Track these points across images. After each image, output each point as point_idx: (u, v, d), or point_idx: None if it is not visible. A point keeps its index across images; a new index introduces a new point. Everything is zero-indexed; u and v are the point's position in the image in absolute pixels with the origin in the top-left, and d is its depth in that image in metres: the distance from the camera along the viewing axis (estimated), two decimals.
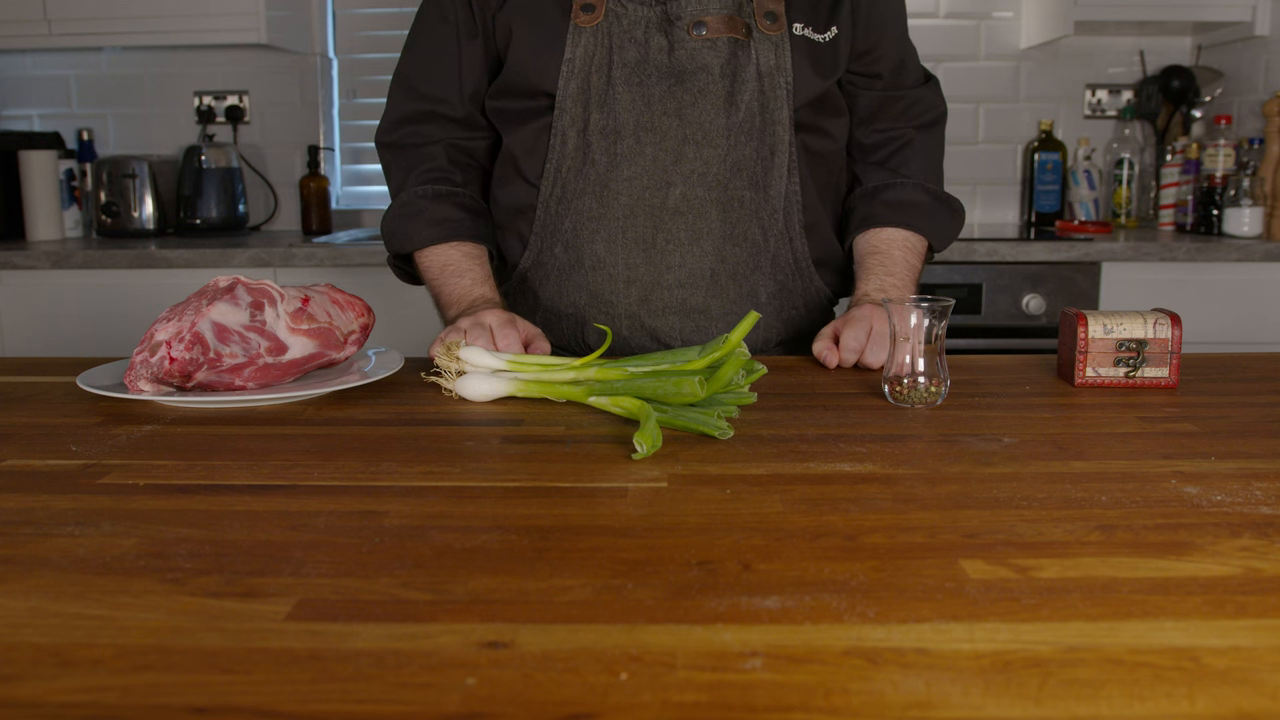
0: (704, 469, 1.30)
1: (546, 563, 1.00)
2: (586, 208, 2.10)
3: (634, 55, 2.03)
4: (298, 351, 1.64)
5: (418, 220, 2.15)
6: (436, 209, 2.15)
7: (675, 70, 2.03)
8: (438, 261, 2.13)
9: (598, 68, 2.04)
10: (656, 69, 2.03)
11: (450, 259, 2.12)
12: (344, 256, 3.92)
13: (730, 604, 0.91)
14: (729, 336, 1.54)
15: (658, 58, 2.03)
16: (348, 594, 0.93)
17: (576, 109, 2.06)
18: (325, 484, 1.25)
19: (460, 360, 1.67)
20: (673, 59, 2.03)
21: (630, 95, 2.03)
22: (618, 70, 2.03)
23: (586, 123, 2.06)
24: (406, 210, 2.18)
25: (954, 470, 1.30)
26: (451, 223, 2.14)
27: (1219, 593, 0.93)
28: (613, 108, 2.04)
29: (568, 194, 2.12)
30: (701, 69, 2.02)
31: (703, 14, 2.02)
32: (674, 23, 2.02)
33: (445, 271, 2.11)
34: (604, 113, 2.05)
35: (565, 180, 2.11)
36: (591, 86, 2.04)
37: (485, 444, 1.42)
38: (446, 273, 2.11)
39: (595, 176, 2.08)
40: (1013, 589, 0.94)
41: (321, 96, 4.84)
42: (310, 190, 4.70)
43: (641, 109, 2.03)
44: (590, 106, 2.05)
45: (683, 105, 2.03)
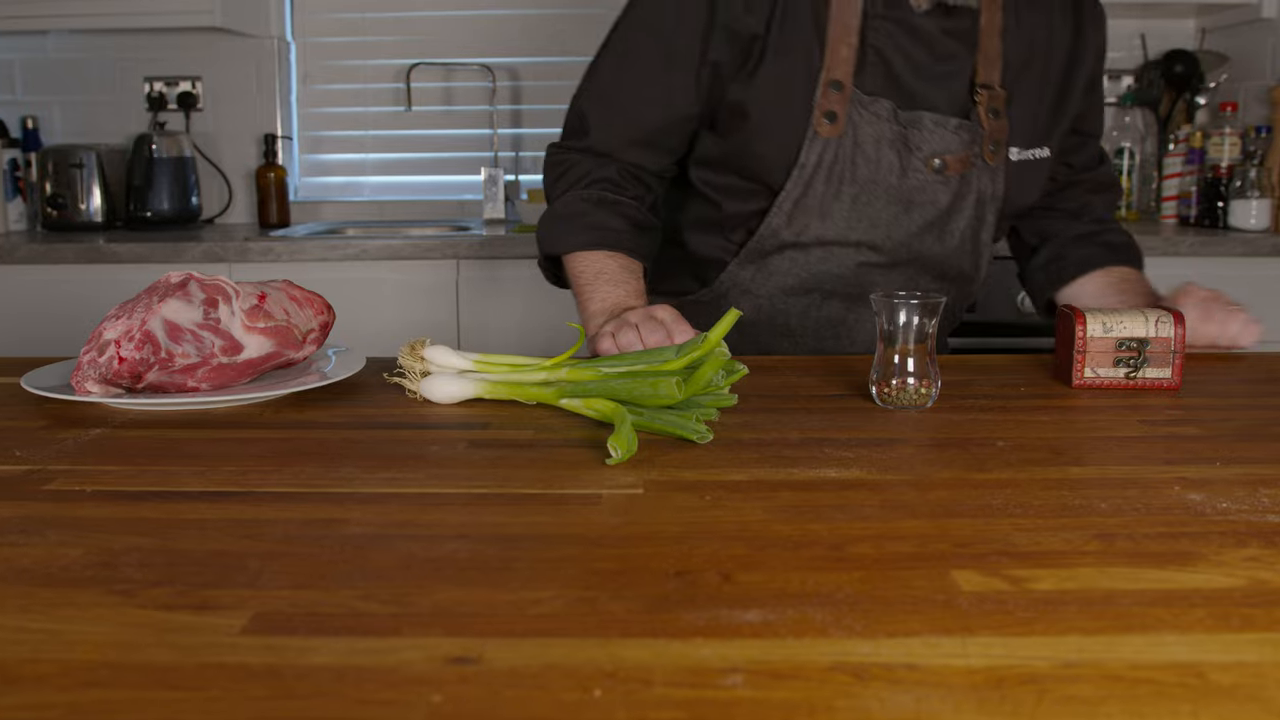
0: (681, 474, 1.31)
1: (515, 573, 1.00)
2: (779, 281, 2.21)
3: (865, 172, 2.11)
4: (254, 351, 1.63)
5: (575, 223, 2.16)
6: (597, 214, 2.16)
7: (903, 196, 2.13)
8: (592, 268, 2.12)
9: (826, 176, 2.11)
10: (885, 191, 2.12)
11: (606, 267, 2.12)
12: (303, 251, 3.92)
13: (709, 617, 0.91)
14: (708, 335, 1.54)
15: (887, 178, 2.11)
16: (306, 607, 0.93)
17: (797, 210, 2.14)
18: (283, 490, 1.25)
19: (425, 360, 1.66)
20: (902, 183, 2.12)
21: (854, 212, 2.13)
22: (847, 185, 2.11)
23: (806, 225, 2.15)
24: (565, 211, 2.18)
25: (945, 476, 1.30)
26: (613, 231, 2.15)
27: (1224, 605, 0.94)
28: (833, 217, 2.14)
29: (764, 268, 2.22)
30: (930, 202, 2.14)
31: (945, 151, 2.12)
32: (911, 150, 2.11)
33: (599, 279, 2.10)
34: (823, 221, 2.14)
35: (766, 252, 2.20)
36: (815, 193, 2.12)
37: (451, 448, 1.42)
38: (600, 280, 2.10)
39: (800, 262, 2.19)
40: (1007, 601, 0.94)
41: (279, 82, 4.83)
42: (267, 181, 4.68)
43: (864, 227, 2.14)
44: (810, 211, 2.13)
45: (903, 230, 2.15)
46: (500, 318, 3.97)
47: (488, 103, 4.88)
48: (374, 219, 4.89)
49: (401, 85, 4.81)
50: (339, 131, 4.95)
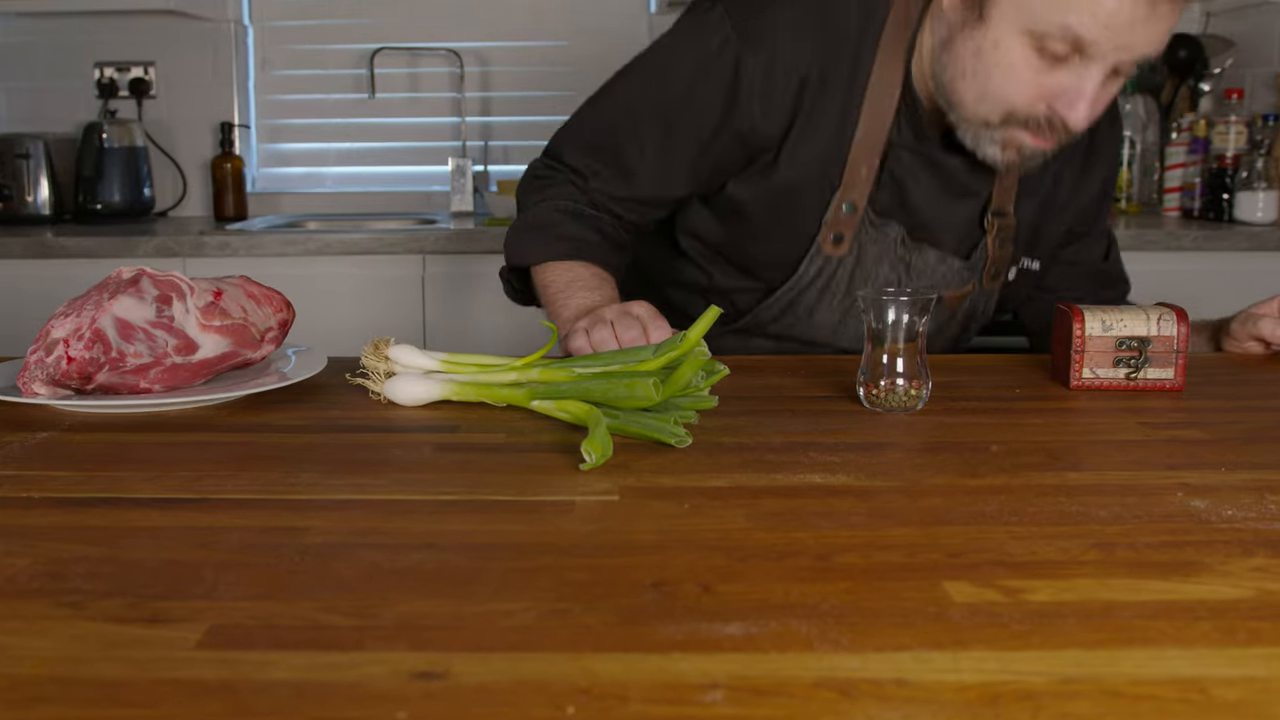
0: (659, 480, 1.30)
1: (484, 584, 1.00)
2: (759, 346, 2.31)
3: (862, 287, 2.16)
4: (209, 350, 1.63)
5: (548, 233, 2.16)
6: (571, 226, 2.16)
7: None
8: (565, 276, 2.12)
9: (823, 286, 2.18)
10: None
11: (580, 274, 2.11)
12: (261, 245, 3.91)
13: (688, 630, 0.90)
14: (686, 334, 1.54)
15: None
16: (264, 619, 0.92)
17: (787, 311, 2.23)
18: (239, 497, 1.24)
19: (389, 360, 1.66)
20: None
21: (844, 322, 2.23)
22: (841, 299, 2.20)
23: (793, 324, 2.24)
24: (537, 222, 2.18)
25: (936, 482, 1.30)
26: (587, 244, 2.15)
27: (1230, 618, 0.94)
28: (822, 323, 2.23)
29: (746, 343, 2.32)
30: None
31: (944, 286, 2.20)
32: (912, 275, 2.19)
33: (573, 285, 2.09)
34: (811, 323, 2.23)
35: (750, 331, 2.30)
36: (808, 300, 2.20)
37: (417, 452, 1.42)
38: (575, 286, 2.09)
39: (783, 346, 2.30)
40: (1001, 613, 0.94)
41: (236, 68, 4.82)
42: (223, 172, 4.68)
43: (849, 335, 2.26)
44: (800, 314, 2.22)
45: None
46: (468, 315, 3.97)
47: (455, 89, 4.88)
48: (336, 212, 4.88)
49: (365, 71, 4.80)
50: (299, 120, 4.95)
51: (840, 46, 2.03)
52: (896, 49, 2.03)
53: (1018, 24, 1.83)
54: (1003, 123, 1.93)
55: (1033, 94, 1.88)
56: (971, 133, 1.98)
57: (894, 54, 2.03)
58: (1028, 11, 1.81)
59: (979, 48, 1.89)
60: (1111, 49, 1.79)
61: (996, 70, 1.88)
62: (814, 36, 2.02)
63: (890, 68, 2.03)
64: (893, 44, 2.03)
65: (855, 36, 2.03)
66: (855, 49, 2.03)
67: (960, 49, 1.92)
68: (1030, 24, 1.81)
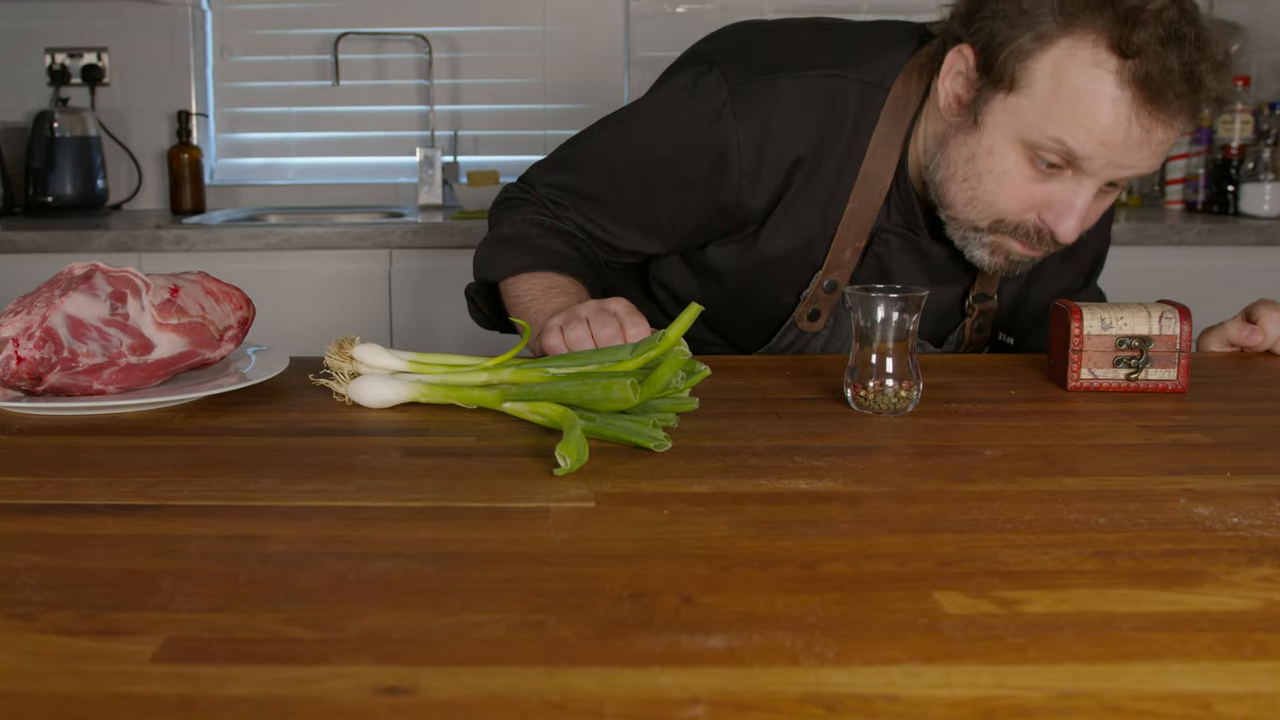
0: (637, 486, 1.31)
1: (454, 595, 1.00)
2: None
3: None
4: (166, 350, 1.62)
5: (523, 245, 2.16)
6: (548, 239, 2.16)
7: None
8: (542, 283, 2.12)
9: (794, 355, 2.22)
10: None
11: (557, 281, 2.11)
12: (219, 240, 3.90)
13: (668, 643, 0.90)
14: (666, 333, 1.54)
15: None
16: (223, 631, 0.92)
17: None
18: (197, 504, 1.24)
19: (354, 360, 1.66)
20: None
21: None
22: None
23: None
24: (511, 234, 2.18)
25: (927, 488, 1.30)
26: (565, 257, 2.15)
27: (1235, 630, 0.94)
28: None
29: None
30: None
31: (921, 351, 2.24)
32: None
33: (550, 291, 2.09)
34: None
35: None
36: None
37: (383, 457, 1.42)
38: (552, 292, 2.09)
39: None
40: (995, 626, 0.94)
41: (193, 54, 4.81)
42: (180, 163, 4.66)
43: None
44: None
45: None
46: (437, 313, 3.97)
47: (424, 76, 4.87)
48: (298, 204, 4.88)
49: (329, 57, 4.79)
50: (260, 108, 4.93)
51: (837, 129, 2.05)
52: (893, 136, 2.05)
53: (1011, 133, 1.88)
54: (991, 229, 1.97)
55: (1023, 204, 1.92)
56: (960, 234, 2.03)
57: (890, 141, 2.05)
58: (1022, 121, 1.86)
59: (972, 153, 1.93)
60: (1105, 165, 1.84)
61: (988, 177, 1.92)
62: (811, 117, 2.04)
63: (885, 155, 2.06)
64: (890, 130, 2.05)
65: (852, 121, 2.05)
66: (851, 133, 2.05)
67: (953, 152, 1.96)
68: (1024, 134, 1.86)
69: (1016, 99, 1.85)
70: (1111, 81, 1.77)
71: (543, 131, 4.87)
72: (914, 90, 2.05)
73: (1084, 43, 1.79)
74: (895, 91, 2.04)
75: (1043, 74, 1.82)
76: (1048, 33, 1.81)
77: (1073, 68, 1.80)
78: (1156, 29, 1.75)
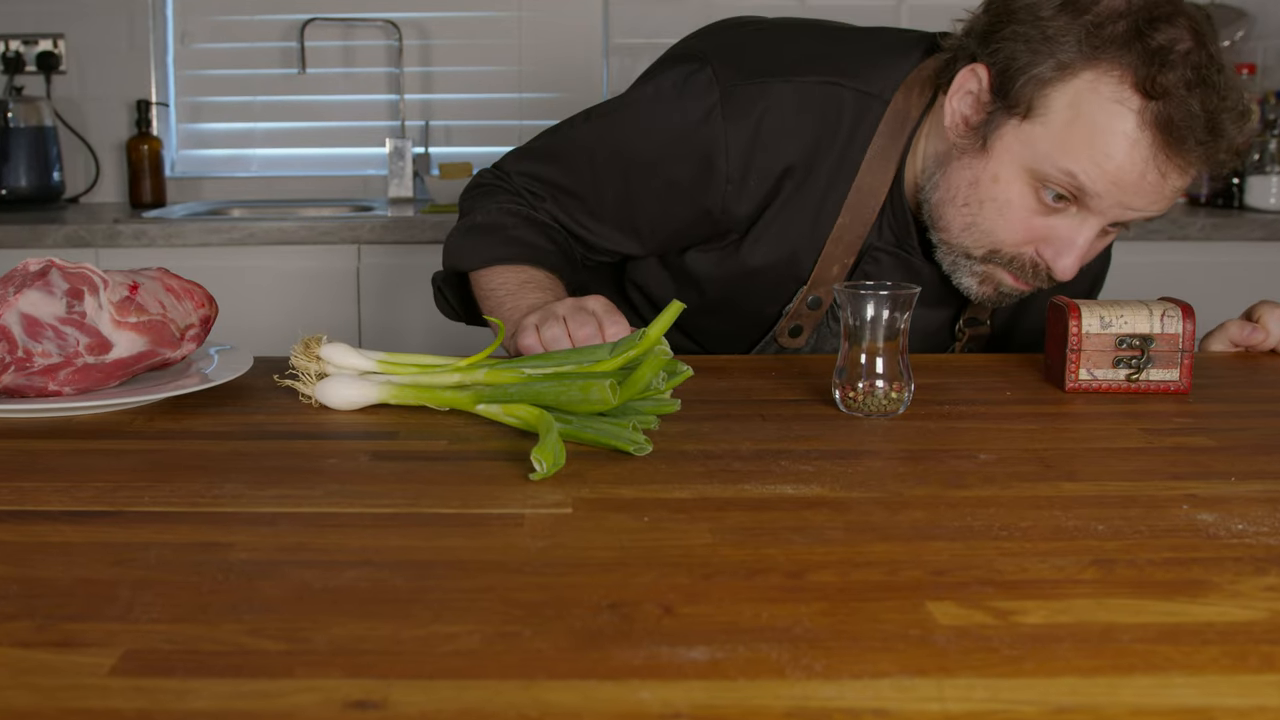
0: (617, 492, 1.31)
1: (426, 605, 1.00)
2: None
3: None
4: (125, 349, 1.62)
5: (498, 235, 2.15)
6: (525, 230, 2.15)
7: None
8: (517, 277, 2.11)
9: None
10: None
11: (533, 276, 2.10)
12: (181, 234, 3.90)
13: (648, 655, 0.90)
14: (647, 331, 1.54)
15: None
16: (185, 643, 0.92)
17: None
18: (158, 510, 1.23)
19: (321, 360, 1.65)
20: None
21: None
22: None
23: None
24: (486, 223, 2.17)
25: (919, 494, 1.30)
26: (542, 250, 2.14)
27: (1240, 642, 0.94)
28: None
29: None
30: None
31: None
32: None
33: (525, 287, 2.08)
34: None
35: None
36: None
37: (352, 461, 1.42)
38: (527, 288, 2.08)
39: None
40: (990, 637, 0.94)
41: (153, 41, 4.79)
42: (140, 154, 4.65)
43: None
44: None
45: None
46: (408, 312, 3.97)
47: (393, 64, 4.87)
48: (263, 198, 4.87)
49: (294, 44, 4.78)
50: (222, 97, 4.93)
51: (830, 139, 2.04)
52: (890, 150, 2.05)
53: (1021, 161, 1.87)
54: (985, 259, 1.97)
55: (1022, 235, 1.92)
56: (951, 259, 2.03)
57: (886, 155, 2.05)
58: (1033, 151, 1.85)
59: (976, 178, 1.92)
60: (1113, 205, 1.83)
61: (990, 204, 1.92)
62: (804, 125, 2.03)
63: (880, 169, 2.05)
64: (887, 144, 2.04)
65: (847, 132, 2.04)
66: (845, 145, 2.04)
67: (955, 174, 1.95)
68: (1034, 164, 1.85)
69: (1030, 127, 1.85)
70: (1133, 121, 1.77)
71: (518, 121, 4.87)
72: (915, 104, 2.04)
73: (1108, 77, 1.78)
74: (895, 104, 2.03)
75: (1061, 104, 1.82)
76: (1070, 62, 1.80)
77: (1094, 101, 1.79)
78: (1184, 72, 1.75)
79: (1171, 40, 1.76)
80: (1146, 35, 1.76)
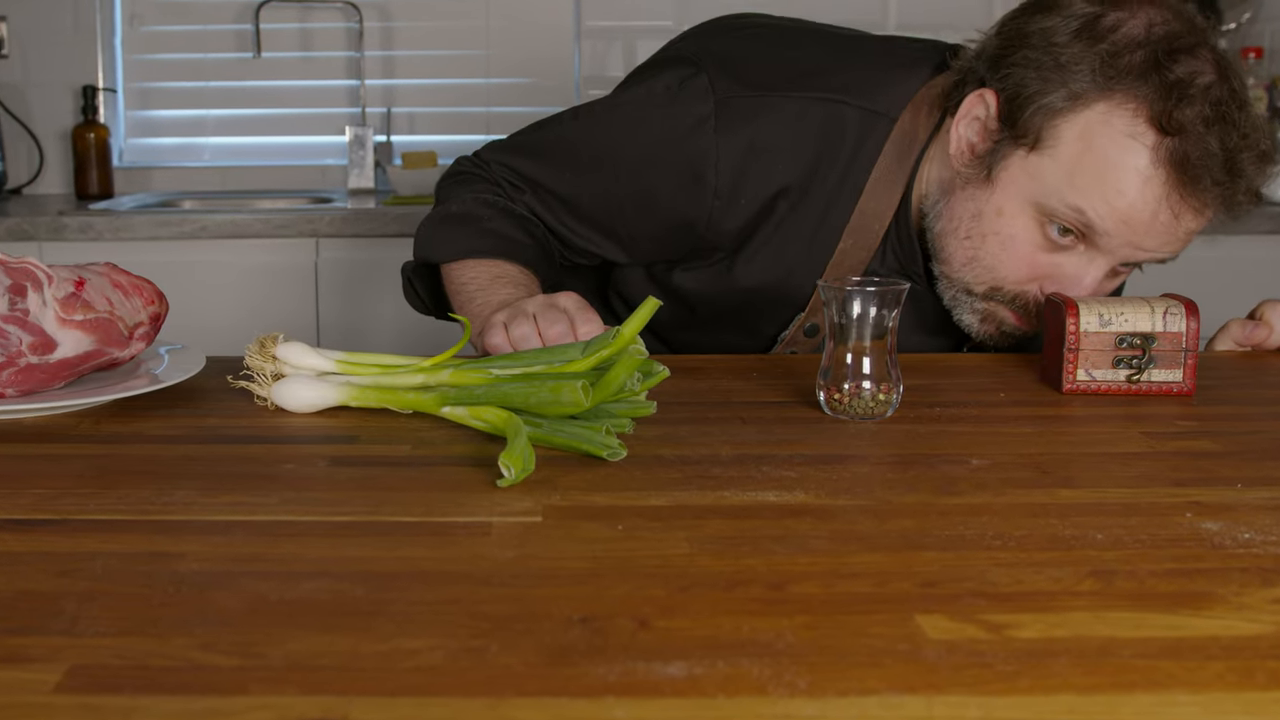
0: (589, 499, 1.30)
1: (387, 618, 0.99)
2: None
3: None
4: (70, 349, 1.62)
5: (473, 227, 2.13)
6: (501, 222, 2.14)
7: None
8: (489, 271, 2.10)
9: None
10: None
11: (506, 271, 2.09)
12: (129, 228, 3.89)
13: (623, 671, 0.90)
14: (620, 330, 1.54)
15: None
16: (134, 658, 0.92)
17: None
18: (105, 518, 1.23)
19: (277, 360, 1.65)
20: None
21: None
22: None
23: None
24: (461, 212, 2.16)
25: (908, 501, 1.31)
26: (519, 244, 2.13)
27: (1246, 657, 0.94)
28: None
29: None
30: None
31: None
32: None
33: (498, 282, 2.07)
34: None
35: None
36: None
37: (309, 467, 1.42)
38: (499, 282, 2.07)
39: None
40: (983, 652, 0.94)
41: (100, 23, 4.78)
42: (86, 143, 4.64)
43: None
44: None
45: None
46: (369, 309, 3.97)
47: (353, 48, 4.87)
48: (216, 189, 4.86)
49: (249, 26, 4.78)
50: (173, 83, 4.92)
51: (831, 160, 2.03)
52: (896, 172, 2.03)
53: (1027, 194, 1.86)
54: (986, 296, 1.97)
55: (1027, 273, 1.92)
56: (952, 293, 2.02)
57: (892, 178, 2.03)
58: (1041, 185, 1.84)
59: (979, 210, 1.92)
60: (1123, 245, 1.83)
61: (993, 239, 1.91)
62: (803, 143, 2.02)
63: (886, 192, 2.04)
64: (892, 165, 2.03)
65: (849, 152, 2.03)
66: (846, 166, 2.03)
67: (959, 205, 1.95)
68: (1041, 198, 1.85)
69: (1039, 159, 1.84)
70: (1146, 157, 1.77)
71: (485, 108, 4.87)
72: (923, 124, 2.03)
73: (1122, 110, 1.78)
74: (902, 123, 2.02)
75: (1071, 135, 1.81)
76: (1083, 92, 1.80)
77: (1105, 135, 1.79)
78: (1202, 107, 1.74)
79: (1191, 73, 1.75)
80: (1165, 67, 1.75)
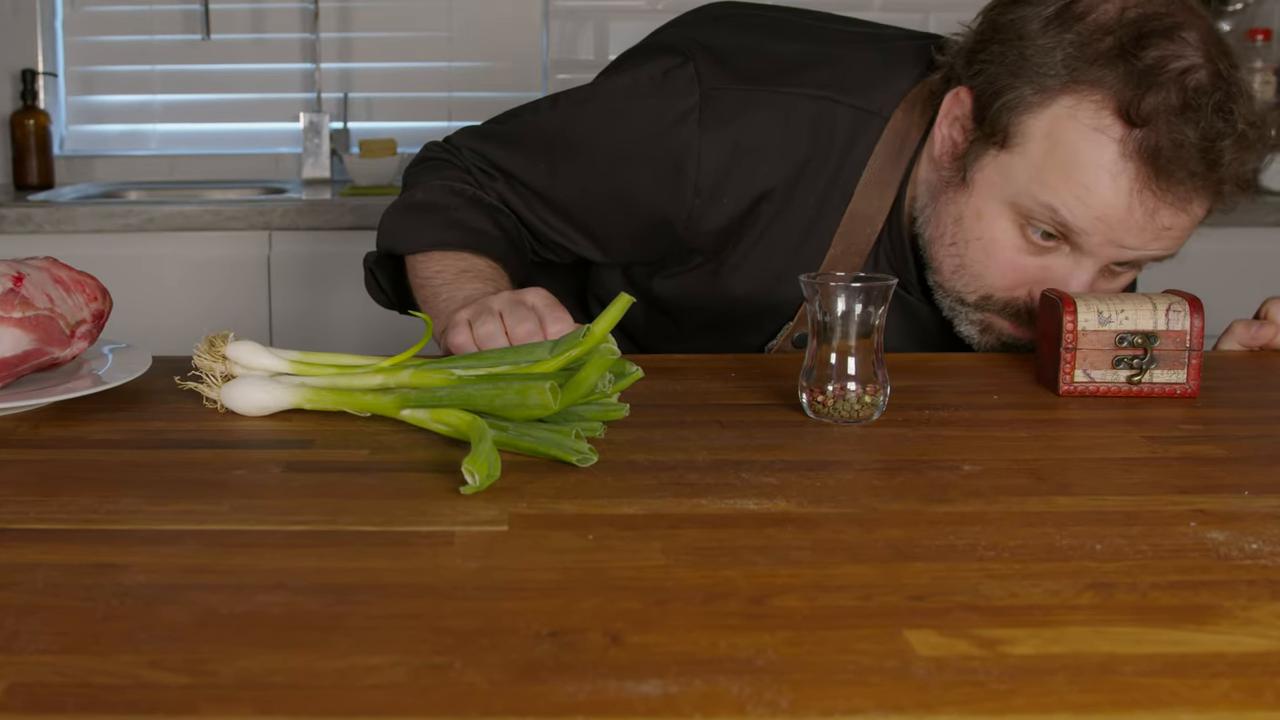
0: (558, 507, 1.31)
1: (345, 633, 0.99)
2: None
3: None
4: (8, 348, 1.61)
5: (438, 217, 2.13)
6: (469, 212, 2.13)
7: None
8: (455, 265, 2.09)
9: None
10: None
11: (475, 265, 2.09)
12: (71, 220, 3.88)
13: (593, 689, 0.90)
14: (591, 328, 1.53)
15: None
16: (76, 675, 0.91)
17: None
18: (45, 527, 1.23)
19: (228, 360, 1.65)
20: None
21: None
22: None
23: None
24: (427, 201, 2.15)
25: (896, 509, 1.31)
26: (487, 236, 2.12)
27: (1254, 674, 0.94)
28: None
29: None
30: None
31: None
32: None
33: (464, 276, 2.07)
34: None
35: None
36: None
37: (262, 473, 1.42)
38: (465, 277, 2.06)
39: None
40: (976, 669, 0.94)
41: (40, 3, 4.77)
42: (24, 130, 4.63)
43: None
44: None
45: None
46: (325, 306, 3.96)
47: (308, 29, 4.86)
48: (163, 179, 4.85)
49: (197, 6, 4.75)
50: (117, 66, 4.90)
51: (820, 161, 2.02)
52: (889, 174, 2.03)
53: (1001, 195, 1.87)
54: (979, 305, 1.97)
55: (1013, 278, 1.92)
56: (949, 304, 2.02)
57: (884, 180, 2.03)
58: (1013, 184, 1.85)
59: (960, 214, 1.92)
60: (1104, 243, 1.84)
61: (976, 244, 1.91)
62: (790, 143, 2.02)
63: (878, 195, 2.03)
64: (884, 167, 2.03)
65: (839, 153, 2.02)
66: (836, 167, 2.03)
67: (942, 210, 1.95)
68: (1015, 198, 1.85)
69: (1009, 158, 1.85)
70: (1113, 151, 1.77)
71: (447, 94, 4.87)
72: (916, 123, 2.02)
73: (1087, 102, 1.78)
74: (895, 122, 2.02)
75: (1039, 132, 1.81)
76: (1050, 86, 1.80)
77: (1072, 130, 1.79)
78: (1173, 94, 1.74)
79: (1163, 58, 1.75)
80: (1133, 53, 1.75)
